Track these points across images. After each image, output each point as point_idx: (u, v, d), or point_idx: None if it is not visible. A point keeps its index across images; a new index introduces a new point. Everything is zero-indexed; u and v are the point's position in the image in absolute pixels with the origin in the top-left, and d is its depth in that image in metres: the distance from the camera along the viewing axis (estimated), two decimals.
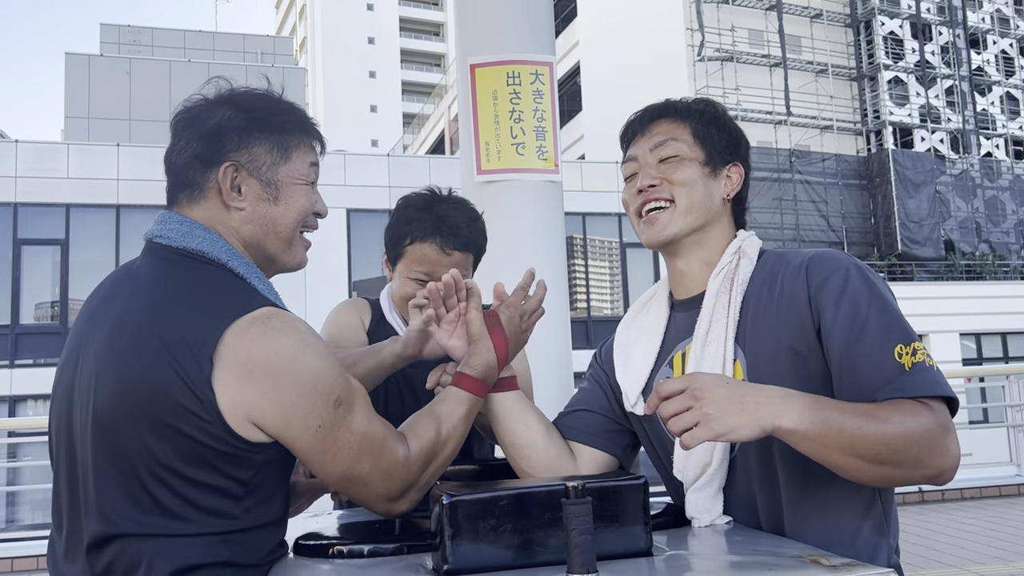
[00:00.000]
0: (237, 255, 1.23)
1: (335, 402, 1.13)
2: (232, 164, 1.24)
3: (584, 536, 0.86)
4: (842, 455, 1.04)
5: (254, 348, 1.10)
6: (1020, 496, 6.74)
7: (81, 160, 16.27)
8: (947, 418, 1.11)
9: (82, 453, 1.16)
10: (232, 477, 1.11)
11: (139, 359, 1.11)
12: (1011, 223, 24.33)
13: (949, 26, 24.70)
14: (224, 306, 1.13)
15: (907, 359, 1.13)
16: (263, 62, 31.45)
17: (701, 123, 1.38)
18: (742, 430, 0.99)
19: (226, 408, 1.08)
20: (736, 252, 1.34)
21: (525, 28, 2.53)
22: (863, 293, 1.18)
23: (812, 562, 0.90)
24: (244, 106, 1.27)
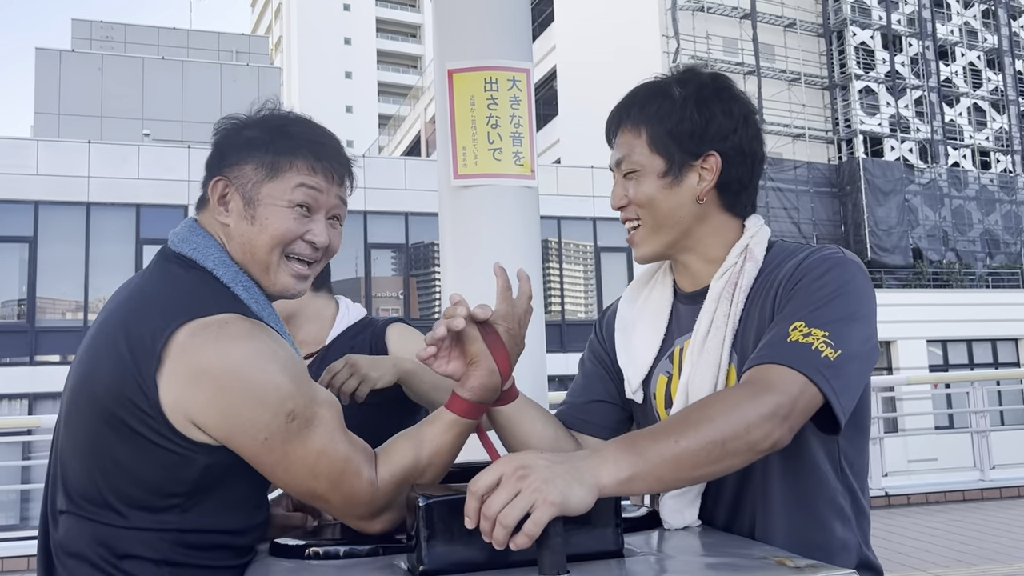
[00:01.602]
0: (225, 263, 1.22)
1: (287, 416, 1.09)
2: (222, 178, 1.25)
3: (555, 538, 0.88)
4: (678, 474, 0.99)
5: (203, 351, 1.09)
6: (983, 500, 6.86)
7: (51, 157, 16.03)
8: (792, 395, 1.05)
9: (54, 437, 1.23)
10: (173, 474, 1.11)
11: (101, 352, 1.14)
12: (977, 232, 24.77)
13: (919, 38, 25.11)
14: (185, 307, 1.13)
15: (796, 335, 1.10)
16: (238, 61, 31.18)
17: (658, 126, 1.28)
18: (576, 497, 0.91)
19: (168, 405, 1.09)
20: (742, 252, 1.28)
21: (503, 34, 2.55)
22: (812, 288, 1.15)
23: (777, 563, 0.92)
24: (262, 124, 1.28)
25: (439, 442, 1.20)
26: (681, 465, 0.99)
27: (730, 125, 1.28)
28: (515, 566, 0.96)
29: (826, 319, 1.12)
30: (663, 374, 1.32)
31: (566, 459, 0.95)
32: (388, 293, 18.45)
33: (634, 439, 1.00)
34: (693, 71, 1.34)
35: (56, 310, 16.31)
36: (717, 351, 1.22)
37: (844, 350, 1.09)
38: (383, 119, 49.03)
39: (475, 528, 0.94)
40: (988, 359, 21.60)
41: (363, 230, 17.53)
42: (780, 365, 1.08)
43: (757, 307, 1.23)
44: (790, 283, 1.19)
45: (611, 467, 0.95)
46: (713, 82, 1.31)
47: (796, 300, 1.16)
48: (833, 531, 1.20)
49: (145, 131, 23.31)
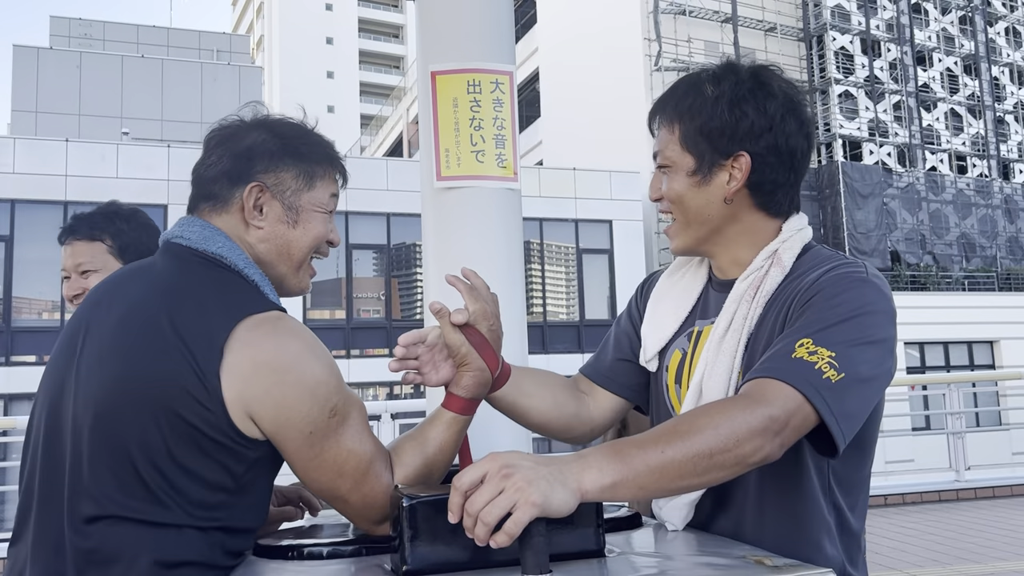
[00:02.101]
0: (253, 265, 1.28)
1: (330, 411, 1.15)
2: (258, 184, 1.30)
3: (537, 538, 0.89)
4: (662, 483, 0.98)
5: (263, 345, 1.14)
6: (959, 501, 6.94)
7: (28, 155, 15.86)
8: (787, 411, 1.04)
9: (74, 439, 1.17)
10: (225, 468, 1.14)
11: (149, 347, 1.14)
12: (954, 235, 25.06)
13: (897, 43, 25.39)
14: (237, 304, 1.18)
15: (801, 351, 1.08)
16: (219, 60, 30.97)
17: (689, 123, 1.27)
18: (557, 500, 0.91)
19: (229, 399, 1.12)
20: (769, 257, 1.26)
21: (486, 37, 2.56)
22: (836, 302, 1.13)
23: (756, 562, 0.94)
24: (278, 132, 1.34)
25: (442, 440, 1.26)
26: (665, 475, 0.98)
27: (764, 124, 1.25)
28: (498, 566, 0.97)
29: (835, 340, 1.09)
30: (679, 350, 1.34)
31: (551, 461, 0.96)
32: (369, 294, 18.39)
33: (620, 446, 0.99)
34: (733, 67, 1.31)
35: (32, 310, 16.13)
36: (731, 353, 1.22)
37: (848, 373, 1.07)
38: (365, 119, 48.87)
39: (458, 528, 0.94)
40: (964, 361, 21.86)
41: (344, 230, 17.46)
42: (779, 381, 1.06)
43: (773, 314, 1.22)
44: (806, 295, 1.17)
45: (595, 473, 0.95)
46: (751, 78, 1.28)
47: (808, 316, 1.13)
48: (821, 547, 1.19)
49: (124, 130, 23.10)
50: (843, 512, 1.23)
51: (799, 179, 1.30)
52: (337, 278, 17.83)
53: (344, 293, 17.87)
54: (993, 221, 25.58)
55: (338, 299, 17.96)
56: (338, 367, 1.20)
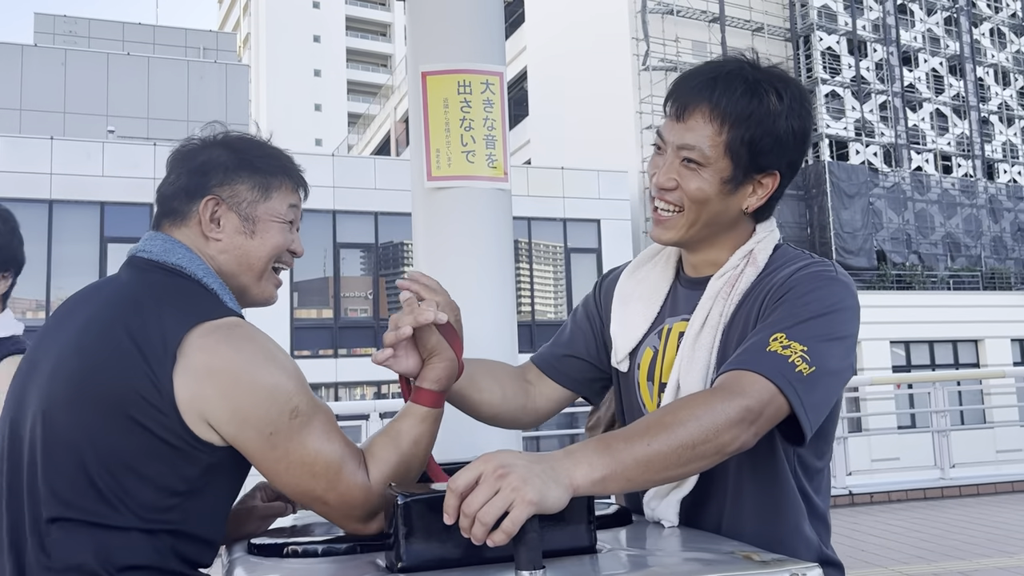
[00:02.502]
0: (213, 274, 1.31)
1: (291, 412, 1.16)
2: (214, 198, 1.34)
3: (531, 534, 0.90)
4: (648, 475, 1.01)
5: (217, 350, 1.16)
6: (944, 499, 7.00)
7: (12, 153, 15.73)
8: (762, 402, 1.07)
9: (31, 442, 1.20)
10: (177, 472, 1.15)
11: (103, 351, 1.17)
12: (939, 235, 25.24)
13: (883, 44, 25.55)
14: (193, 309, 1.21)
15: (775, 345, 1.12)
16: (205, 58, 30.81)
17: (741, 132, 1.21)
18: (552, 496, 0.93)
19: (183, 402, 1.14)
20: (745, 256, 1.29)
21: (477, 37, 2.58)
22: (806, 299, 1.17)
23: (744, 558, 0.96)
24: (233, 147, 1.38)
25: (416, 434, 1.26)
26: (652, 467, 1.01)
27: (802, 143, 1.25)
28: (491, 562, 0.98)
29: (807, 335, 1.13)
30: (650, 348, 1.36)
31: (543, 459, 0.97)
32: (357, 293, 18.36)
33: (608, 441, 1.02)
34: (783, 75, 1.27)
35: (17, 309, 16.02)
36: (708, 350, 1.25)
37: (819, 367, 1.11)
38: (352, 118, 48.72)
39: (452, 525, 0.95)
40: (949, 360, 22.03)
41: (332, 230, 17.42)
42: (754, 372, 1.10)
43: (745, 310, 1.25)
44: (778, 292, 1.21)
45: (585, 468, 0.98)
46: (800, 93, 1.26)
47: (781, 311, 1.17)
48: (800, 530, 1.24)
49: (110, 128, 22.96)
50: (810, 497, 1.28)
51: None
52: (324, 277, 17.79)
53: (332, 292, 17.83)
54: (978, 221, 25.78)
55: (325, 298, 17.92)
56: (301, 372, 1.21)
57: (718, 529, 1.24)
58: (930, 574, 4.44)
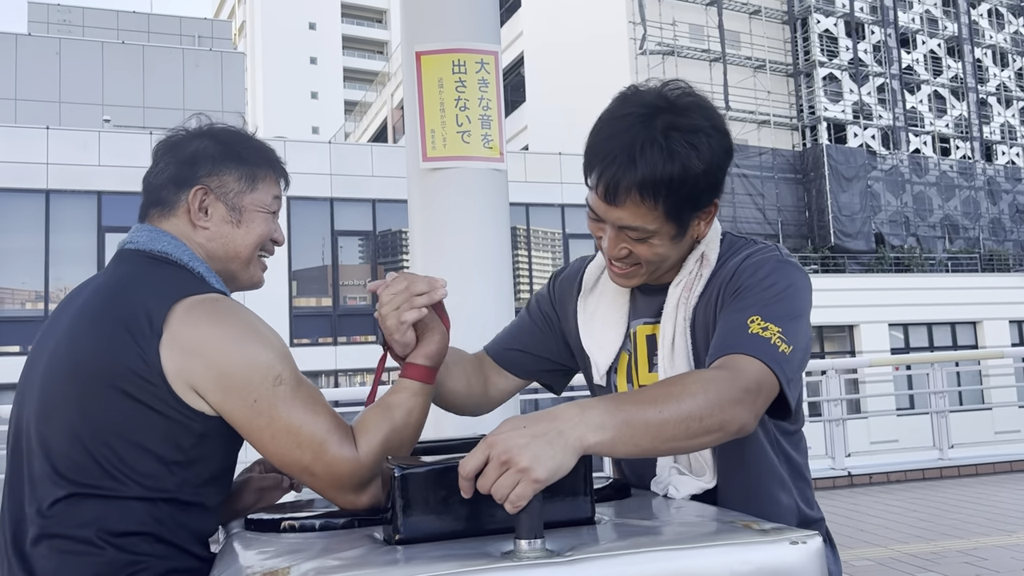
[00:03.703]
0: (199, 260, 1.36)
1: (274, 379, 1.20)
2: (202, 187, 1.39)
3: (532, 503, 0.91)
4: (655, 443, 1.03)
5: (200, 322, 1.21)
6: (942, 479, 7.03)
7: (8, 143, 15.67)
8: (759, 381, 1.12)
9: (27, 429, 1.26)
10: (173, 442, 1.20)
11: (94, 334, 1.22)
12: (937, 217, 25.25)
13: (881, 25, 25.45)
14: (175, 288, 1.25)
15: (755, 328, 1.18)
16: (200, 46, 30.66)
17: (676, 196, 1.23)
18: (561, 463, 0.95)
19: (171, 373, 1.18)
20: (698, 260, 1.34)
21: (471, 17, 2.56)
22: (761, 284, 1.24)
23: (744, 527, 0.96)
24: (220, 138, 1.43)
25: (408, 407, 1.28)
26: (661, 435, 1.03)
27: (725, 167, 1.28)
28: (489, 533, 0.98)
29: (778, 316, 1.20)
30: (624, 352, 1.41)
31: (552, 421, 0.97)
32: (355, 281, 18.34)
33: (619, 402, 1.04)
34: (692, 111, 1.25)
35: (15, 300, 16.00)
36: (684, 350, 1.31)
37: (794, 346, 1.19)
38: (349, 105, 48.54)
39: (450, 497, 0.97)
40: (948, 342, 22.08)
41: (330, 217, 17.39)
42: (746, 355, 1.15)
43: (704, 303, 1.32)
44: (736, 279, 1.28)
45: (597, 428, 0.99)
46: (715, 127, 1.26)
47: (749, 296, 1.24)
48: (778, 501, 1.32)
49: (105, 117, 22.86)
50: (793, 459, 1.37)
51: None
52: (323, 265, 17.77)
53: (330, 280, 17.81)
54: (976, 203, 25.77)
55: (324, 286, 17.91)
56: (285, 346, 1.25)
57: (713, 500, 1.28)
58: (929, 553, 4.46)
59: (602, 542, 0.95)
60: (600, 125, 1.28)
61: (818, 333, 20.97)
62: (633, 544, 0.93)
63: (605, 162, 1.23)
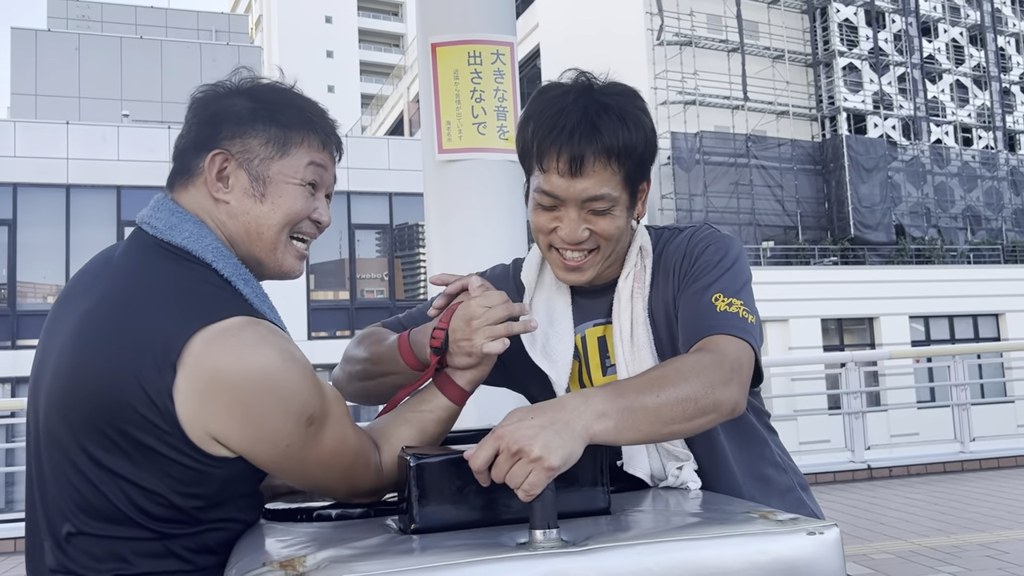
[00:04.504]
0: (224, 254, 1.15)
1: (307, 421, 1.06)
2: (221, 152, 1.18)
3: (546, 492, 0.91)
4: (655, 427, 1.04)
5: (221, 360, 1.02)
6: (963, 472, 6.96)
7: (29, 138, 15.84)
8: (740, 358, 1.17)
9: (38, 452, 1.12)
10: (192, 494, 1.06)
11: (98, 359, 1.05)
12: (959, 208, 24.97)
13: (902, 14, 25.16)
14: (196, 310, 1.05)
15: (721, 305, 1.22)
16: (217, 40, 30.83)
17: (632, 162, 1.25)
18: (571, 451, 0.95)
19: (186, 420, 1.02)
20: (639, 253, 1.36)
21: (486, 8, 2.55)
22: (712, 261, 1.28)
23: (761, 517, 0.95)
24: (254, 95, 1.22)
25: (440, 430, 1.24)
26: (660, 418, 1.05)
27: (655, 139, 1.30)
28: (504, 523, 0.98)
29: (735, 289, 1.25)
30: (575, 359, 1.39)
31: (559, 411, 0.98)
32: (373, 275, 18.41)
33: (619, 390, 1.05)
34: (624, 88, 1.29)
35: (37, 294, 16.19)
36: (647, 339, 1.31)
37: (755, 315, 1.25)
38: (365, 99, 48.64)
39: (465, 487, 0.97)
40: (969, 334, 21.85)
41: (347, 211, 17.45)
42: (724, 334, 1.19)
43: (658, 291, 1.33)
44: (686, 262, 1.31)
45: (600, 417, 1.00)
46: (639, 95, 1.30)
47: (704, 275, 1.27)
48: (772, 480, 1.37)
49: (124, 112, 23.06)
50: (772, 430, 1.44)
51: None
52: (340, 259, 17.83)
53: (347, 274, 17.88)
54: (999, 193, 25.47)
55: (341, 280, 17.98)
56: (312, 370, 1.09)
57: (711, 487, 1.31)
58: (950, 547, 4.43)
59: (617, 532, 0.95)
60: (539, 111, 1.27)
61: (838, 326, 20.83)
62: (649, 534, 0.93)
63: (564, 135, 1.23)
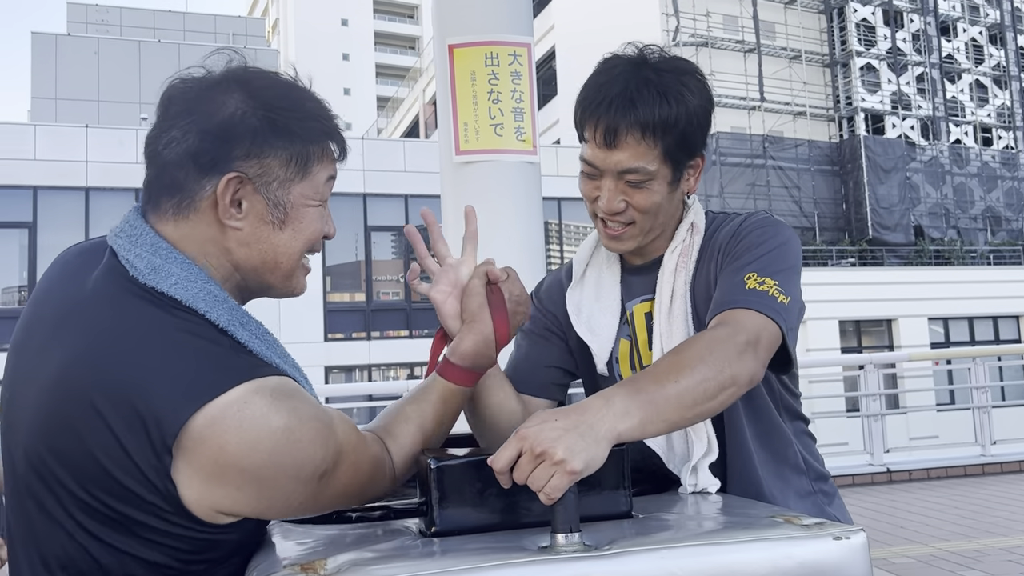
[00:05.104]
0: (218, 299, 1.00)
1: (319, 478, 0.98)
2: (238, 176, 1.01)
3: (568, 495, 0.90)
4: (681, 413, 1.04)
5: (227, 444, 0.91)
6: (984, 476, 6.90)
7: (49, 142, 16.00)
8: (758, 332, 1.14)
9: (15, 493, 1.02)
10: (202, 560, 0.99)
11: (82, 430, 0.93)
12: (979, 209, 24.73)
13: (920, 13, 24.95)
14: (193, 381, 0.92)
15: (752, 283, 1.21)
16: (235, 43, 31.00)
17: (672, 136, 1.26)
18: (594, 455, 0.94)
19: (191, 500, 0.94)
20: (689, 229, 1.36)
21: (503, 9, 2.55)
22: (756, 243, 1.27)
23: (786, 522, 0.94)
24: (262, 99, 1.04)
25: (440, 416, 1.15)
26: (684, 403, 1.04)
27: (709, 121, 1.32)
28: (525, 526, 0.98)
29: (774, 270, 1.23)
30: (624, 338, 1.39)
31: (582, 414, 0.97)
32: (388, 276, 18.45)
33: (637, 385, 1.04)
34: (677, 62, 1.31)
35: None
36: (683, 313, 1.31)
37: (792, 297, 1.22)
38: (381, 101, 48.81)
39: (486, 490, 0.97)
40: (989, 336, 21.62)
41: (363, 213, 17.50)
42: (745, 308, 1.18)
43: (703, 270, 1.33)
44: (732, 242, 1.30)
45: (623, 416, 0.99)
46: (697, 72, 1.32)
47: (745, 255, 1.26)
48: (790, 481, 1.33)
49: (143, 115, 23.24)
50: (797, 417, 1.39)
51: None
52: (356, 261, 17.89)
53: (363, 276, 17.94)
54: (1019, 194, 25.20)
55: (357, 282, 18.04)
56: (322, 420, 0.98)
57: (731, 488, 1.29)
58: (971, 551, 4.38)
59: (640, 536, 0.94)
60: (589, 81, 1.33)
61: (856, 327, 20.67)
62: (672, 538, 0.92)
63: (602, 107, 1.27)
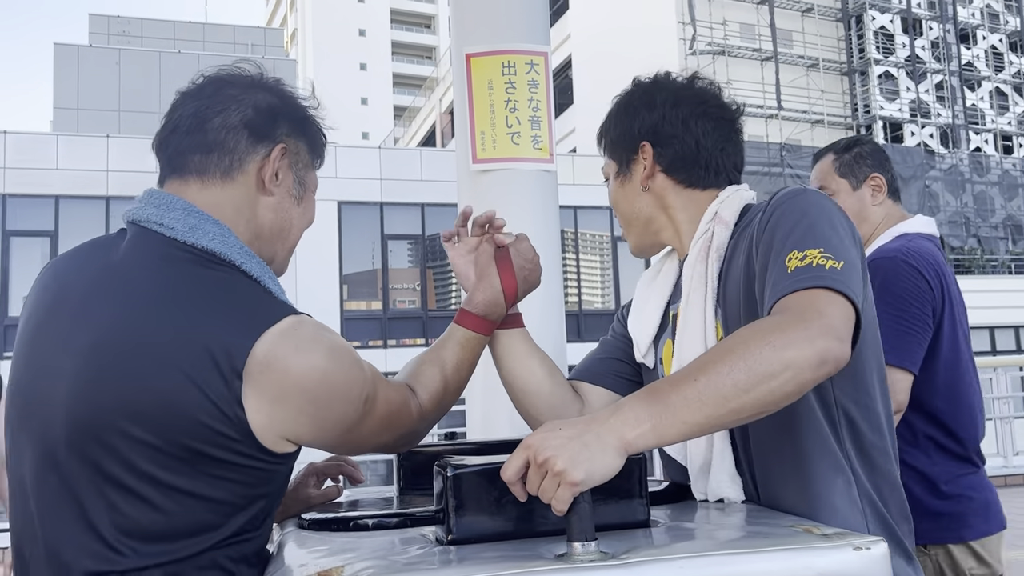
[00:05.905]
0: (251, 255, 1.12)
1: (364, 401, 1.10)
2: (285, 146, 1.18)
3: (582, 505, 0.89)
4: (705, 411, 0.94)
5: (288, 365, 1.02)
6: (1007, 487, 6.81)
7: (70, 151, 16.19)
8: (815, 306, 1.02)
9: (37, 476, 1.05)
10: (258, 495, 1.07)
11: (148, 375, 1.00)
12: (1000, 218, 24.50)
13: (939, 21, 24.81)
14: (249, 316, 1.04)
15: (793, 263, 1.08)
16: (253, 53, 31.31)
17: (606, 137, 1.48)
18: (601, 469, 0.91)
19: (258, 426, 1.02)
20: (711, 219, 1.32)
21: (521, 18, 2.56)
22: (794, 214, 1.15)
23: (804, 531, 0.93)
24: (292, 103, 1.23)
25: (458, 359, 1.30)
26: (706, 402, 0.94)
27: (655, 116, 1.38)
28: (542, 535, 0.97)
29: (816, 238, 1.10)
30: (669, 339, 1.37)
31: (590, 424, 0.95)
32: (405, 285, 18.49)
33: (653, 388, 0.99)
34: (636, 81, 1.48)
35: None
36: (700, 311, 1.26)
37: (845, 260, 1.07)
38: (398, 111, 49.05)
39: (503, 498, 0.96)
40: (1011, 346, 21.39)
41: (379, 221, 17.57)
42: (793, 292, 1.05)
43: (735, 263, 1.24)
44: (762, 224, 1.19)
45: (633, 423, 0.94)
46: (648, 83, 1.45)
47: (779, 234, 1.14)
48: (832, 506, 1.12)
49: None
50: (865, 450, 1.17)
51: (711, 153, 1.36)
52: (373, 269, 17.95)
53: (380, 284, 17.98)
54: None
55: (374, 290, 18.09)
56: (353, 351, 1.11)
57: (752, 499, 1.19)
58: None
59: (657, 545, 0.93)
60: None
61: None
62: (689, 548, 0.92)
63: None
